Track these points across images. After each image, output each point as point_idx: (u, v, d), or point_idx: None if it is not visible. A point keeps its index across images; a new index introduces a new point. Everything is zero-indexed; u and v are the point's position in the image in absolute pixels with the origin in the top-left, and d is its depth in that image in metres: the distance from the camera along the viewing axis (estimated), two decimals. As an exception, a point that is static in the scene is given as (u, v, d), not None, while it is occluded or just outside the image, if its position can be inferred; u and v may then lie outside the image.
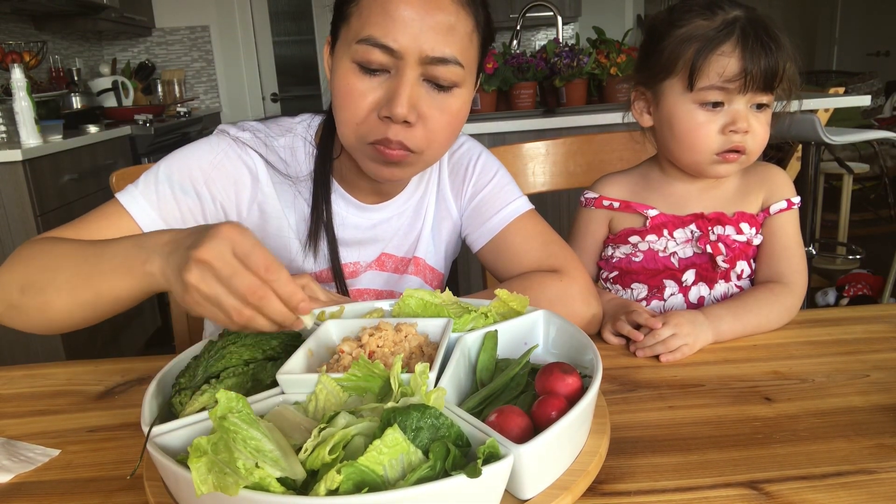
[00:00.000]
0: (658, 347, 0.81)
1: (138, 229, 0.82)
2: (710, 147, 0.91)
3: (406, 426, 0.48)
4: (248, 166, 0.89)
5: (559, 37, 2.70)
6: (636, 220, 1.02)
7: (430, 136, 0.80)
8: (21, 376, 0.86)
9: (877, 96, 5.02)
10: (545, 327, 0.71)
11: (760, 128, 0.90)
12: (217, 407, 0.48)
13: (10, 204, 2.15)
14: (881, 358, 0.78)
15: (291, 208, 0.92)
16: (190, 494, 0.46)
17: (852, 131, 2.76)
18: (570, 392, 0.57)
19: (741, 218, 0.97)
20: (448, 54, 0.76)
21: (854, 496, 0.53)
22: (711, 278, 0.98)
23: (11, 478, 0.62)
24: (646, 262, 1.00)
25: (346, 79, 0.78)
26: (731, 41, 0.87)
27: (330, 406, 0.55)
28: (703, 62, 0.88)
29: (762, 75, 0.86)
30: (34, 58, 3.05)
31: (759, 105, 0.90)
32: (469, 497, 0.45)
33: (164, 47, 4.53)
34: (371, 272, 0.98)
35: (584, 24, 5.19)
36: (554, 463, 0.52)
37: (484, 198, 0.98)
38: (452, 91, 0.79)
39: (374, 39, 0.75)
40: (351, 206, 0.94)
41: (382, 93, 0.77)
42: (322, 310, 0.76)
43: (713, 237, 0.97)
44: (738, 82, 0.86)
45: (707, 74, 0.88)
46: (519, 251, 0.96)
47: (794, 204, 0.98)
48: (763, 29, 0.87)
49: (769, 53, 0.85)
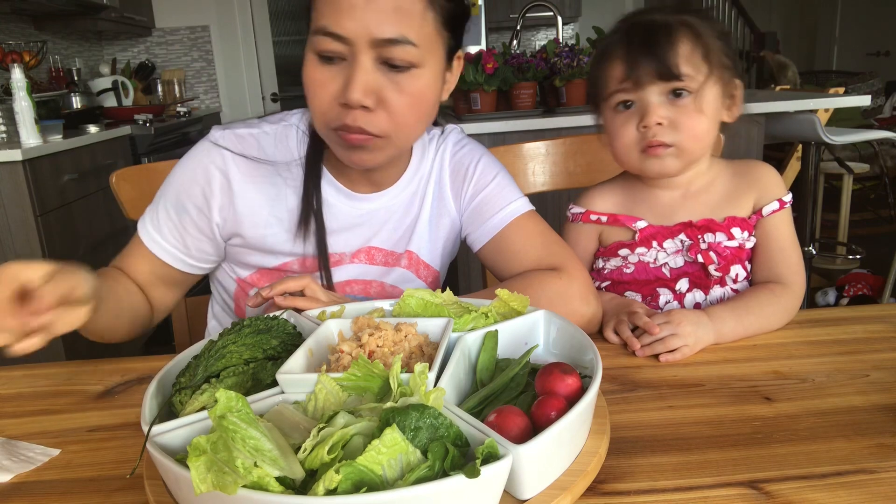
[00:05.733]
0: (657, 346, 0.81)
1: (158, 262, 0.93)
2: (630, 146, 0.93)
3: (405, 426, 0.48)
4: (220, 169, 0.90)
5: (559, 37, 2.70)
6: (625, 232, 1.01)
7: (394, 119, 0.81)
8: (21, 376, 0.86)
9: (877, 96, 5.03)
10: (546, 327, 0.71)
11: (684, 117, 0.90)
12: (216, 406, 0.48)
13: (10, 204, 2.15)
14: (881, 358, 0.78)
15: (276, 199, 0.92)
16: (189, 493, 0.46)
17: (852, 131, 2.76)
18: (569, 392, 0.57)
19: (732, 223, 0.96)
20: (397, 34, 0.77)
21: (854, 496, 0.53)
22: (705, 285, 0.97)
23: (11, 477, 0.62)
24: (637, 273, 0.99)
25: (309, 70, 0.81)
26: (619, 46, 0.92)
27: (329, 406, 0.55)
28: (602, 71, 0.95)
29: (655, 66, 0.88)
30: (34, 58, 3.05)
31: (676, 93, 0.89)
32: (468, 497, 0.45)
33: (164, 47, 4.53)
34: (360, 265, 0.98)
35: (584, 24, 5.19)
36: (553, 463, 0.52)
37: (484, 198, 0.98)
38: (410, 72, 0.80)
39: (326, 29, 0.77)
40: (340, 195, 0.95)
41: (341, 80, 0.79)
42: (322, 309, 0.76)
43: (703, 245, 0.96)
44: (630, 80, 0.90)
45: (608, 82, 0.93)
46: (519, 251, 0.96)
47: (786, 203, 0.97)
48: (649, 26, 0.91)
49: (656, 46, 0.88)
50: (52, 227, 2.27)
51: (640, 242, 0.99)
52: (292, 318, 0.74)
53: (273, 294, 0.81)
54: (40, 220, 2.20)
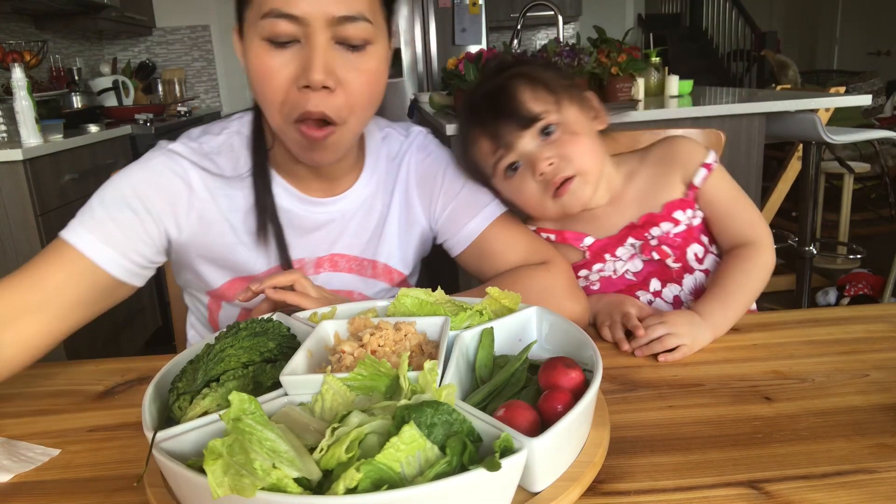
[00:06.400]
0: (655, 346, 0.81)
1: (86, 260, 0.81)
2: (539, 197, 0.93)
3: (420, 423, 0.48)
4: (181, 177, 0.88)
5: (560, 36, 2.69)
6: (576, 253, 1.00)
7: (351, 101, 0.79)
8: (21, 376, 0.86)
9: (878, 96, 5.02)
10: (538, 323, 0.72)
11: (566, 147, 0.90)
12: (230, 409, 0.48)
13: (10, 204, 2.15)
14: (881, 358, 0.78)
15: (233, 210, 0.91)
16: (203, 499, 0.45)
17: (853, 131, 2.76)
18: (573, 386, 0.58)
19: (671, 208, 0.96)
20: (355, 11, 0.76)
21: (854, 496, 0.53)
22: (674, 277, 0.97)
23: (11, 477, 0.62)
24: (605, 287, 0.99)
25: (259, 58, 0.77)
26: (475, 126, 0.94)
27: (337, 406, 0.55)
28: (474, 156, 0.96)
29: (514, 121, 0.90)
30: (34, 57, 3.05)
31: (545, 132, 0.91)
32: (487, 490, 0.46)
33: (164, 47, 4.53)
34: (327, 273, 0.96)
35: (584, 24, 5.19)
36: (563, 455, 0.53)
37: (457, 206, 0.97)
38: (366, 49, 0.79)
39: (278, 10, 0.74)
40: (295, 199, 0.93)
41: (297, 64, 0.76)
42: (314, 311, 0.76)
43: (654, 242, 0.96)
44: (501, 147, 0.91)
45: (485, 160, 0.95)
46: (501, 252, 0.95)
47: (712, 165, 0.96)
48: (487, 96, 0.93)
49: (502, 107, 0.91)
50: (53, 226, 2.27)
51: (593, 259, 0.99)
52: (284, 321, 0.74)
53: (263, 288, 0.80)
54: (41, 220, 2.20)
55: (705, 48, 7.32)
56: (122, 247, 0.84)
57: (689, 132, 1.23)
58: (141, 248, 0.86)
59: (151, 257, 0.88)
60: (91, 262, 0.82)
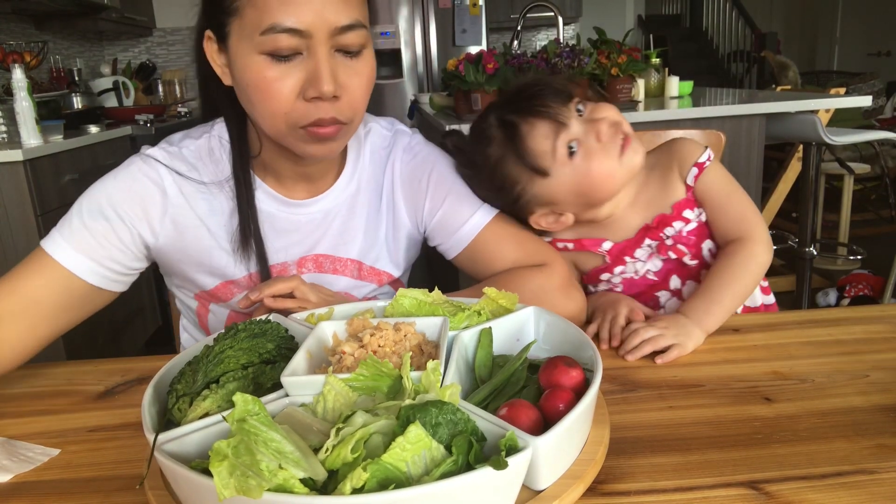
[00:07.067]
0: (645, 347, 0.81)
1: (62, 269, 0.84)
2: (605, 169, 0.92)
3: (425, 422, 0.49)
4: (154, 182, 0.88)
5: (560, 37, 2.69)
6: (595, 258, 1.01)
7: (353, 104, 0.81)
8: (21, 376, 0.86)
9: (878, 97, 5.02)
10: (535, 323, 0.72)
11: (606, 111, 0.92)
12: (235, 410, 0.48)
13: (10, 204, 2.15)
14: (881, 358, 0.78)
15: (211, 214, 0.90)
16: (206, 500, 0.45)
17: (853, 132, 2.76)
18: (574, 384, 0.58)
19: (679, 208, 0.97)
20: (353, 19, 0.77)
21: (854, 496, 0.53)
22: (694, 273, 0.98)
23: (11, 477, 0.62)
24: (628, 289, 1.00)
25: (260, 73, 0.77)
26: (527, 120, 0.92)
27: (339, 407, 0.55)
28: (529, 143, 0.93)
29: (559, 111, 0.90)
30: (35, 58, 3.05)
31: (577, 112, 0.92)
32: (493, 489, 0.46)
33: (164, 47, 4.53)
34: (309, 274, 0.95)
35: (584, 25, 5.18)
36: (566, 453, 0.54)
37: (445, 213, 0.96)
38: (362, 54, 0.80)
39: (280, 26, 0.74)
40: (276, 202, 0.93)
41: (301, 75, 0.77)
42: (311, 312, 0.76)
43: (669, 241, 0.97)
44: (559, 130, 0.90)
45: (545, 148, 0.93)
46: (495, 256, 0.95)
47: (703, 163, 0.96)
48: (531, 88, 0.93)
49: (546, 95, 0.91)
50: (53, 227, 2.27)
51: (614, 262, 0.99)
52: (282, 322, 0.74)
53: (262, 297, 0.80)
54: (41, 220, 2.20)
55: (705, 49, 7.32)
56: (96, 255, 0.85)
57: (690, 133, 1.23)
58: (116, 256, 0.87)
59: (129, 264, 0.89)
60: (67, 271, 0.84)
